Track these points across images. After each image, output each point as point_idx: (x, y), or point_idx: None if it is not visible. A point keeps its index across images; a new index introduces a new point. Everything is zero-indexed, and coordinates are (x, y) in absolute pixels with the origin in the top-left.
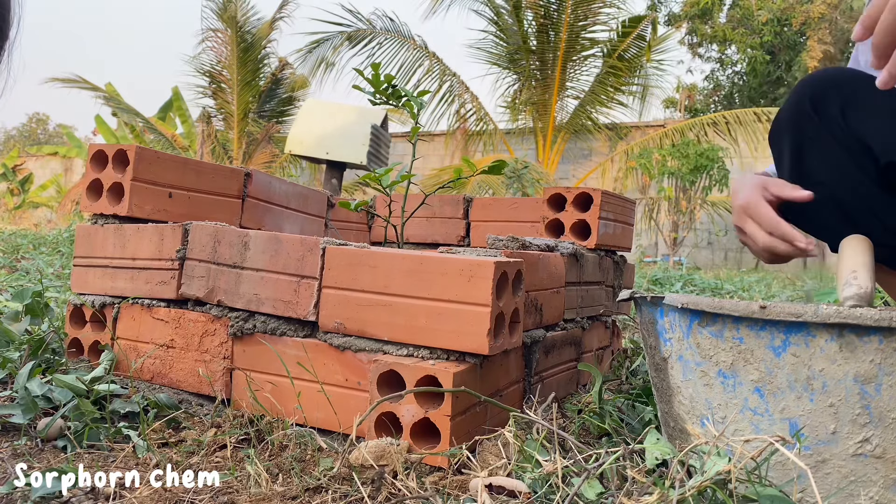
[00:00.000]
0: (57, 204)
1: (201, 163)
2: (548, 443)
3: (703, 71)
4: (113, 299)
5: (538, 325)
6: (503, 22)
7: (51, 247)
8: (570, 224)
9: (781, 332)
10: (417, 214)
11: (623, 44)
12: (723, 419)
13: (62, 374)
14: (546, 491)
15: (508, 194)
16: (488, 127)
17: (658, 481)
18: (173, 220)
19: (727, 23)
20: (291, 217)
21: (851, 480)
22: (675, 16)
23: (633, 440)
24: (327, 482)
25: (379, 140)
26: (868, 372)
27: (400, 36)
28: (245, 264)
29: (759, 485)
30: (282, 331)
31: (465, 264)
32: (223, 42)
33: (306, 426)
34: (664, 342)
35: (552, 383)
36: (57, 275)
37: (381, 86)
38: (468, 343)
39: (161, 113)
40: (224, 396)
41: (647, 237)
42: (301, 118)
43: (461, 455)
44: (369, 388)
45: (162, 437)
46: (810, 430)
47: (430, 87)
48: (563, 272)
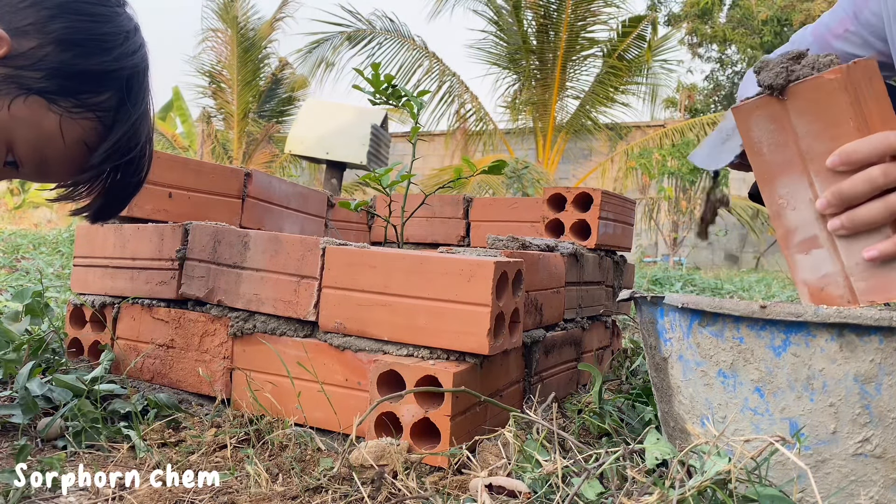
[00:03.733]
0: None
1: (201, 163)
2: (548, 443)
3: (703, 71)
4: (113, 299)
5: (538, 325)
6: (503, 22)
7: (51, 247)
8: (570, 224)
9: (782, 331)
10: (417, 214)
11: (623, 44)
12: (723, 419)
13: (62, 374)
14: (546, 491)
15: (508, 194)
16: (488, 127)
17: (658, 481)
18: (173, 220)
19: (727, 23)
20: (291, 217)
21: (851, 480)
22: (676, 16)
23: (633, 440)
24: (327, 482)
25: (379, 140)
26: (868, 371)
27: (400, 36)
28: (245, 264)
29: (759, 485)
30: (282, 331)
31: (465, 264)
32: (223, 42)
33: (306, 426)
34: (664, 342)
35: (552, 383)
36: (57, 275)
37: (381, 86)
38: (468, 343)
39: (162, 113)
40: (224, 396)
41: (647, 237)
42: (301, 118)
43: (461, 455)
44: (369, 388)
45: (162, 438)
46: (810, 430)
47: (429, 87)
48: (563, 272)
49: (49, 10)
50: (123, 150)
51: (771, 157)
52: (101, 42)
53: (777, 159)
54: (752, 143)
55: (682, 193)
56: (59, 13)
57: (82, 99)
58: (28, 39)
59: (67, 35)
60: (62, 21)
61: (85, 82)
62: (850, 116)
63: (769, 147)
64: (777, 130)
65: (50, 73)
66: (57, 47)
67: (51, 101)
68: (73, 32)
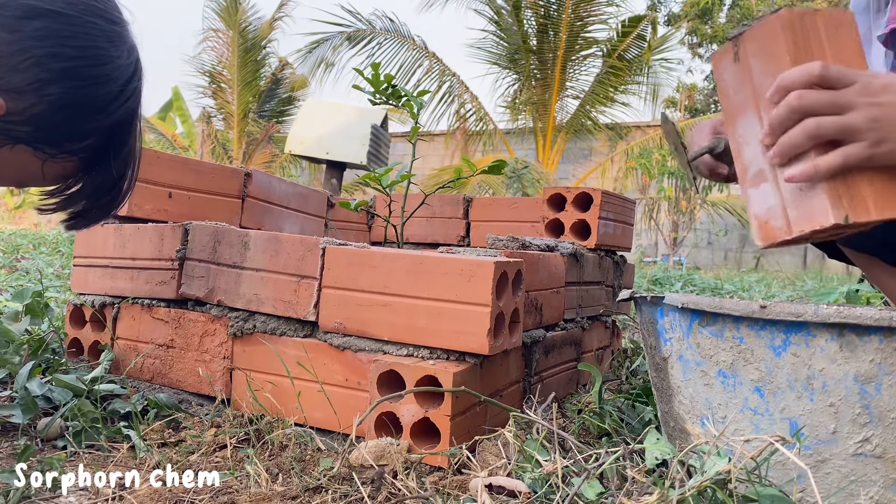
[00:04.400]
0: None
1: (201, 163)
2: (548, 443)
3: (703, 71)
4: (113, 299)
5: (538, 325)
6: (503, 21)
7: (51, 247)
8: (570, 224)
9: (782, 331)
10: (417, 214)
11: (623, 44)
12: (723, 419)
13: (62, 374)
14: (546, 491)
15: (508, 194)
16: (488, 127)
17: (658, 481)
18: (173, 220)
19: (727, 23)
20: (291, 217)
21: (851, 480)
22: (675, 16)
23: (633, 440)
24: (327, 482)
25: (379, 140)
26: (868, 371)
27: (399, 36)
28: (245, 264)
29: (759, 485)
30: (282, 331)
31: (465, 264)
32: (224, 42)
33: (306, 426)
34: (664, 342)
35: (552, 383)
36: (57, 275)
37: (381, 86)
38: (468, 343)
39: (161, 113)
40: (224, 396)
41: (647, 237)
42: (301, 118)
43: (461, 455)
44: (369, 388)
45: (162, 438)
46: (810, 430)
47: (429, 87)
48: (563, 272)
49: (51, 73)
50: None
51: (734, 97)
52: (96, 102)
53: (738, 99)
54: (722, 87)
55: (682, 193)
56: (60, 78)
57: (67, 147)
58: (24, 100)
59: (64, 100)
60: (61, 86)
61: (71, 136)
62: (787, 51)
63: (733, 89)
64: (738, 72)
65: (40, 129)
66: (51, 108)
67: (36, 148)
68: (70, 97)
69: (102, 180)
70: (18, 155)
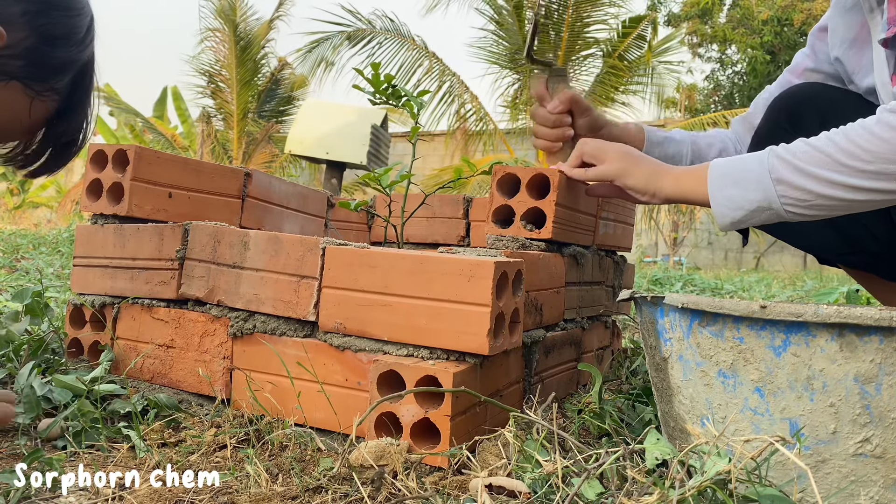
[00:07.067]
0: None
1: (201, 163)
2: (548, 443)
3: (704, 71)
4: (113, 299)
5: (538, 325)
6: (504, 21)
7: (51, 247)
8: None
9: (782, 331)
10: (417, 214)
11: (623, 44)
12: (723, 419)
13: (62, 374)
14: (546, 491)
15: None
16: (488, 127)
17: (658, 481)
18: (173, 220)
19: (727, 23)
20: (291, 217)
21: (852, 480)
22: (675, 16)
23: (633, 440)
24: (327, 482)
25: (379, 140)
26: (868, 372)
27: (400, 36)
28: (245, 264)
29: (759, 485)
30: (282, 331)
31: (465, 264)
32: (222, 41)
33: (306, 426)
34: (664, 342)
35: (552, 383)
36: (57, 275)
37: (381, 86)
38: (468, 343)
39: (158, 111)
40: (224, 396)
41: (647, 237)
42: (301, 118)
43: (461, 455)
44: (369, 388)
45: (162, 438)
46: (810, 430)
47: (429, 86)
48: (563, 272)
49: (38, 4)
50: (77, 123)
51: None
52: (74, 34)
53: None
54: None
55: None
56: (47, 9)
57: (51, 83)
58: (18, 31)
59: (53, 30)
60: (48, 17)
61: (56, 70)
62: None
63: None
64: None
65: (32, 63)
66: (40, 39)
67: (27, 85)
68: (56, 27)
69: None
70: (10, 93)
